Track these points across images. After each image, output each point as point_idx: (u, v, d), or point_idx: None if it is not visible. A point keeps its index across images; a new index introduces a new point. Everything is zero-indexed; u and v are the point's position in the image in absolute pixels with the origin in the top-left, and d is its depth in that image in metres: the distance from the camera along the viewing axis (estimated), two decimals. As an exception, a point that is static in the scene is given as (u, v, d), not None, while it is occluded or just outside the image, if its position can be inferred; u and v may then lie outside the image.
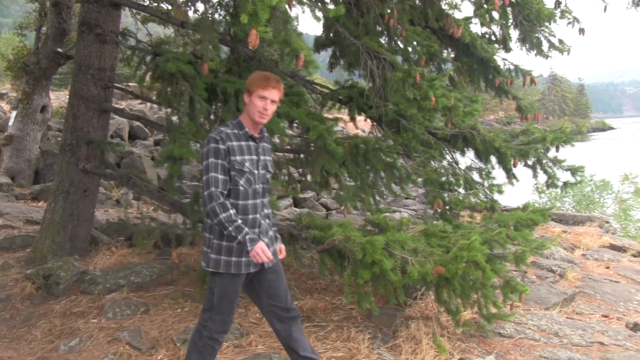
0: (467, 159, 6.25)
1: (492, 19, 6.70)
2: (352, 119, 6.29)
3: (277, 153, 6.44)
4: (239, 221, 3.26)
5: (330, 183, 6.22)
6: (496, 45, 6.93)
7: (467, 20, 6.50)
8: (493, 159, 6.01)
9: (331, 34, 6.24)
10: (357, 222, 5.62)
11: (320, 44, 6.53)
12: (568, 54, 6.67)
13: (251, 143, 3.42)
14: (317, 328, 4.93)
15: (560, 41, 6.64)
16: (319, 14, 4.73)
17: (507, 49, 6.96)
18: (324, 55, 7.15)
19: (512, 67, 6.68)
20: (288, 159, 6.70)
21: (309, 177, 6.68)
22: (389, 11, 5.41)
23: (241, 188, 3.36)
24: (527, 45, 7.01)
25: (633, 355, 5.06)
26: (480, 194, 5.84)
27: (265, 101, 3.30)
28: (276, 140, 5.67)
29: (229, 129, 3.38)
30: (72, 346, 4.51)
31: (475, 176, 6.09)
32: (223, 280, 3.44)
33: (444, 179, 5.42)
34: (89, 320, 5.02)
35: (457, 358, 4.59)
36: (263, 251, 3.23)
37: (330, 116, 5.88)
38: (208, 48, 4.99)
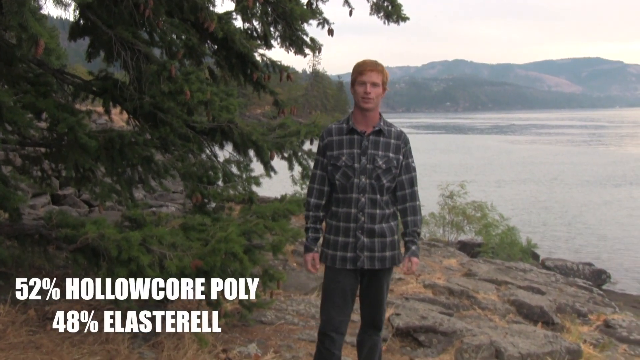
0: (225, 152, 6.32)
1: (252, 15, 6.81)
2: (107, 112, 6.02)
3: (27, 147, 5.96)
4: (310, 223, 3.55)
5: (89, 178, 5.92)
6: (258, 42, 7.05)
7: (228, 14, 6.52)
8: (251, 152, 6.16)
9: (88, 22, 5.87)
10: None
11: (75, 32, 6.12)
12: (319, 53, 7.05)
13: (355, 136, 3.42)
14: (72, 332, 4.64)
15: (312, 39, 6.98)
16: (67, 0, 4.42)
17: (269, 46, 7.11)
18: (83, 44, 6.70)
19: (269, 63, 6.87)
20: (41, 153, 6.22)
21: (63, 173, 6.27)
22: (144, 0, 5.23)
23: (337, 182, 3.44)
24: (286, 42, 7.25)
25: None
26: (239, 187, 5.94)
27: (365, 85, 3.35)
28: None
29: (338, 123, 3.53)
30: None
31: (234, 169, 6.18)
32: (325, 273, 3.52)
33: (202, 172, 5.41)
34: None
35: (220, 349, 4.65)
36: (306, 262, 3.53)
37: (83, 108, 5.57)
38: None
